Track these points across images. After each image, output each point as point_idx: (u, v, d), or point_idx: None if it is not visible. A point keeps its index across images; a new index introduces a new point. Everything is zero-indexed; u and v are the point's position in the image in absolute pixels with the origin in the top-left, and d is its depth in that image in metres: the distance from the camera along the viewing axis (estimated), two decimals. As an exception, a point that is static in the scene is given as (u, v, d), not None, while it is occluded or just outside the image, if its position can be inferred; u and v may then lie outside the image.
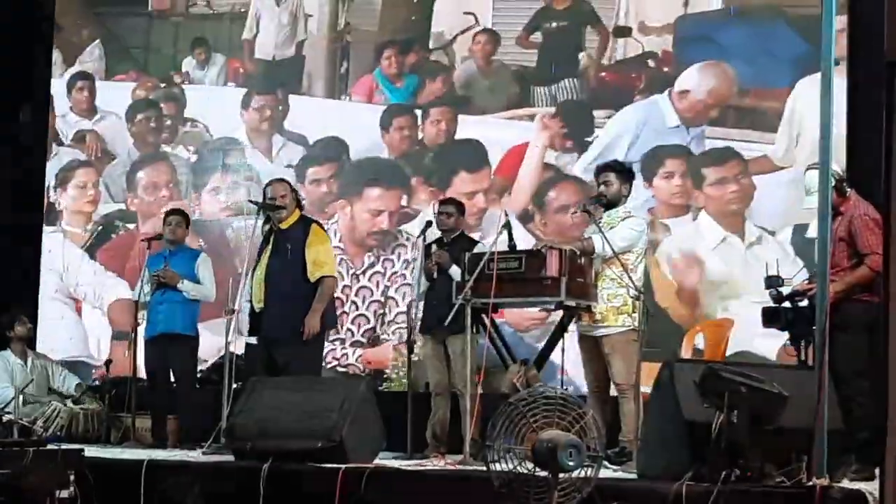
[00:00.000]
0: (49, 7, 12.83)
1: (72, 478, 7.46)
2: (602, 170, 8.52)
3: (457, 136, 11.67)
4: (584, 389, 8.50)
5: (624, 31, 11.18)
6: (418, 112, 11.84)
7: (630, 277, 8.01)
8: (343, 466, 7.33)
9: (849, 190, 7.65)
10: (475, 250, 8.74)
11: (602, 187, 8.39)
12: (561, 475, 6.03)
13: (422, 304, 9.30)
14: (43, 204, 12.86)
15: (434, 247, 9.27)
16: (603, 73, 11.28)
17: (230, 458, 8.03)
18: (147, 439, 9.91)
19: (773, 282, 8.09)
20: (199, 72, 12.85)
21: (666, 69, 10.99)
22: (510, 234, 8.28)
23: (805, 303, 7.85)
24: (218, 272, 10.48)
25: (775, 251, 9.93)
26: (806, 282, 7.99)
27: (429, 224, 9.39)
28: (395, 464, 8.08)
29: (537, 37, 11.57)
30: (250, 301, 9.07)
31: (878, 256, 7.11)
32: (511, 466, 6.08)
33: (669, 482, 6.42)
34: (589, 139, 11.11)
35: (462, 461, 8.00)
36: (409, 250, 11.13)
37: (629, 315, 8.09)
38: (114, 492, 7.71)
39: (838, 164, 7.79)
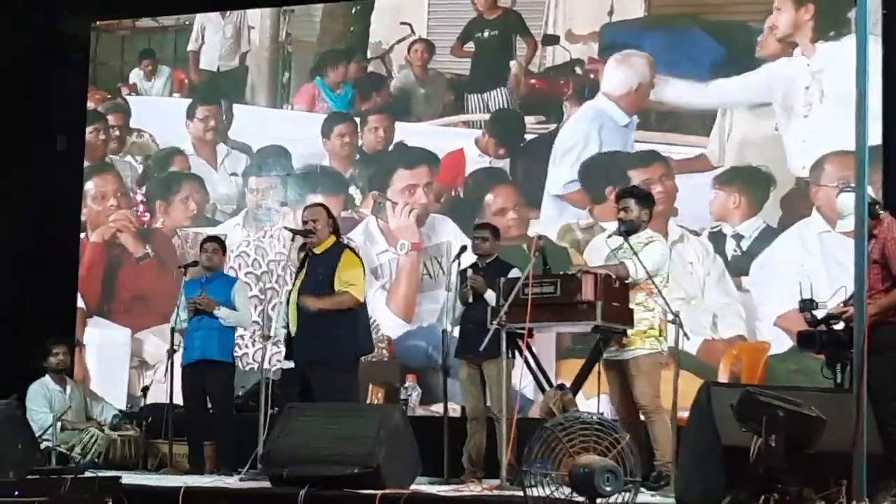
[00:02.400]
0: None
1: (109, 504, 7.48)
2: (621, 196, 8.59)
3: (394, 142, 12.04)
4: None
5: (552, 40, 11.57)
6: (357, 120, 12.16)
7: (665, 299, 8.01)
8: (380, 492, 7.30)
9: (882, 212, 7.63)
10: (510, 275, 8.76)
11: (622, 213, 8.43)
12: (598, 500, 6.01)
13: (457, 328, 9.31)
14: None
15: (469, 272, 9.29)
16: (533, 81, 11.62)
17: (267, 484, 8.02)
18: (184, 466, 9.95)
19: (807, 305, 8.07)
20: (146, 83, 13.12)
21: (592, 76, 11.34)
22: (545, 259, 8.28)
23: (840, 325, 7.82)
24: (165, 281, 10.53)
25: (696, 249, 10.54)
26: (841, 304, 7.96)
27: (463, 249, 9.44)
28: (432, 489, 8.06)
29: (470, 46, 11.91)
30: (287, 327, 9.08)
31: (913, 279, 7.10)
32: (548, 492, 6.06)
33: (708, 507, 6.40)
34: (521, 145, 11.51)
35: (499, 486, 7.97)
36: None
37: (656, 339, 8.14)
38: (151, 519, 7.75)
39: (872, 187, 7.80)
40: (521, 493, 6.25)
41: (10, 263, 12.57)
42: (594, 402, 8.55)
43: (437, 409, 9.67)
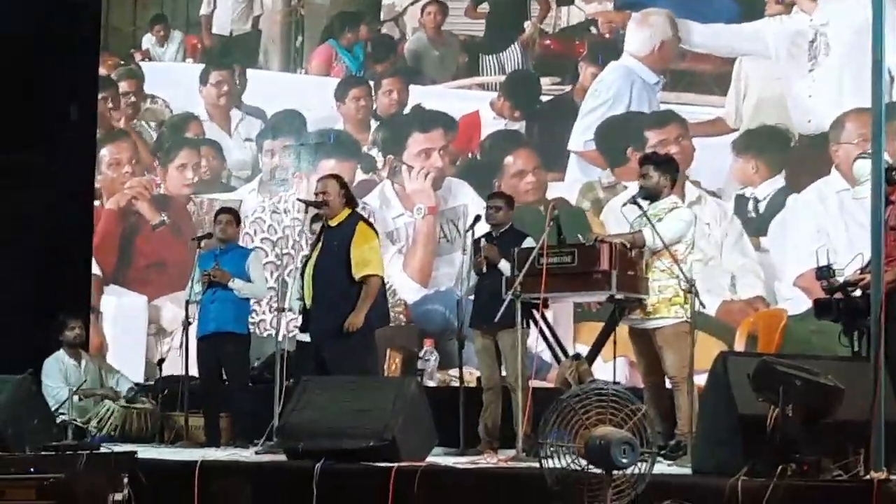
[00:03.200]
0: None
1: (125, 480, 7.46)
2: (642, 162, 8.48)
3: (409, 106, 11.99)
4: (635, 384, 8.46)
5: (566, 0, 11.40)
6: (371, 83, 12.14)
7: (681, 268, 7.93)
8: (395, 465, 7.27)
9: (900, 178, 7.56)
10: (524, 245, 8.71)
11: (641, 179, 8.35)
12: (615, 472, 5.98)
13: (471, 298, 9.27)
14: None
15: (483, 241, 9.22)
16: (547, 41, 11.53)
17: (282, 457, 8.01)
18: (200, 438, 9.95)
19: (824, 272, 8.01)
20: (159, 49, 13.10)
21: (608, 35, 11.25)
22: (559, 228, 8.23)
23: (857, 293, 7.76)
24: (179, 246, 10.47)
25: (713, 211, 10.50)
26: (858, 272, 7.90)
27: (478, 218, 9.33)
28: (448, 461, 8.03)
29: (484, 7, 11.85)
30: (302, 299, 9.04)
31: (929, 245, 7.04)
32: (564, 464, 6.03)
33: (724, 477, 6.33)
34: (537, 106, 11.44)
35: (515, 457, 7.97)
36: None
37: (681, 306, 8.03)
38: (168, 493, 7.72)
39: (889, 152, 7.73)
40: (537, 465, 6.20)
41: (25, 239, 12.55)
42: (611, 365, 8.55)
43: (456, 373, 9.61)
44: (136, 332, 12.82)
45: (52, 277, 12.66)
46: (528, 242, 8.84)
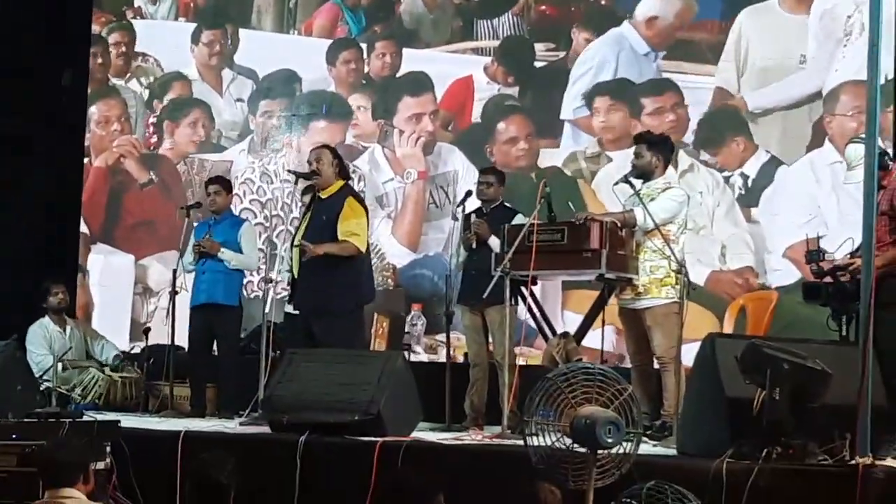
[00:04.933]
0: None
1: (108, 449, 7.43)
2: (635, 141, 8.43)
3: (401, 69, 11.86)
4: (622, 363, 8.44)
5: None
6: (364, 46, 12.02)
7: (671, 249, 7.90)
8: (380, 440, 7.27)
9: (891, 163, 7.53)
10: (514, 221, 8.67)
11: (634, 158, 8.30)
12: (599, 452, 5.96)
13: (460, 274, 9.22)
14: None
15: (473, 217, 9.17)
16: (543, 7, 11.39)
17: (267, 429, 8.00)
18: (185, 408, 9.88)
19: (813, 256, 7.97)
20: (151, 6, 13.01)
21: (604, 2, 11.16)
22: (550, 206, 8.18)
23: (847, 278, 7.73)
24: (169, 207, 10.67)
25: (706, 180, 10.39)
26: (848, 256, 7.86)
27: (468, 194, 9.25)
28: (433, 437, 8.02)
29: None
30: (290, 270, 8.99)
31: (921, 231, 7.01)
32: (549, 442, 6.01)
33: (709, 459, 6.33)
34: (531, 72, 11.31)
35: (500, 434, 7.95)
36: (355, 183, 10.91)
37: (672, 287, 7.99)
38: (150, 463, 7.70)
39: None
40: (522, 443, 6.18)
41: (18, 207, 12.51)
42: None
43: (443, 337, 9.57)
44: (122, 292, 12.75)
45: (40, 239, 12.61)
46: (519, 219, 8.79)
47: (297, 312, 9.03)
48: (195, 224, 10.18)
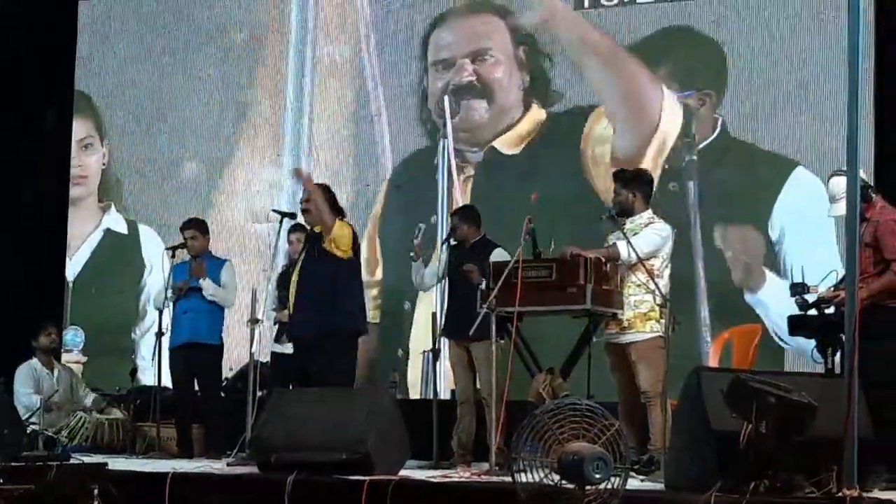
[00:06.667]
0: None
1: (95, 492, 7.42)
2: (614, 178, 8.48)
3: None
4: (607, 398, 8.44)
5: None
6: None
7: (656, 284, 7.94)
8: (368, 478, 7.25)
9: (874, 196, 7.58)
10: (495, 254, 8.77)
11: (614, 195, 8.36)
12: (587, 487, 5.97)
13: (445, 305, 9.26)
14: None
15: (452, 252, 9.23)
16: None
17: (255, 469, 7.97)
18: (172, 449, 9.91)
19: (798, 289, 8.01)
20: None
21: None
22: (535, 242, 8.20)
23: (831, 310, 7.77)
24: None
25: None
26: (832, 289, 7.92)
27: (451, 233, 9.31)
28: (421, 475, 8.00)
29: None
30: (276, 309, 8.99)
31: (904, 263, 7.05)
32: (537, 478, 6.02)
33: (697, 493, 6.31)
34: None
35: (488, 471, 7.93)
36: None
37: (657, 321, 8.02)
38: (139, 504, 7.69)
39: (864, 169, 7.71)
40: (510, 479, 6.20)
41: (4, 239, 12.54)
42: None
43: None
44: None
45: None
46: (499, 253, 8.85)
47: (285, 351, 9.01)
48: (172, 265, 10.17)
